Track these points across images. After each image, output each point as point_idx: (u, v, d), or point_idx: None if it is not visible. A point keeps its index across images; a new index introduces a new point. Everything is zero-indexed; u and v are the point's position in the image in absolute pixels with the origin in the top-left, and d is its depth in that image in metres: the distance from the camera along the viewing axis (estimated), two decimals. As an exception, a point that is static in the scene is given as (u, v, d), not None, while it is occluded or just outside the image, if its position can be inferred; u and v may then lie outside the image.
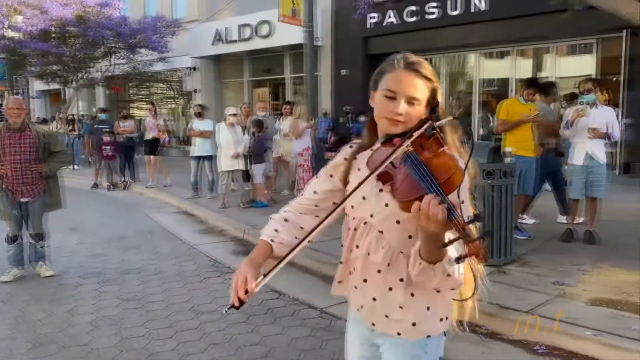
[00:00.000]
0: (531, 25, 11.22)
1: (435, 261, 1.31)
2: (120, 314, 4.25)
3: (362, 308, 1.58)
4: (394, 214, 1.43)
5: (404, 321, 1.49)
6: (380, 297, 1.51)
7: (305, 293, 4.61)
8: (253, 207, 8.10)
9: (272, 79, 17.75)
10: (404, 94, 1.44)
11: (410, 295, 1.48)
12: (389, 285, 1.49)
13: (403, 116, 1.43)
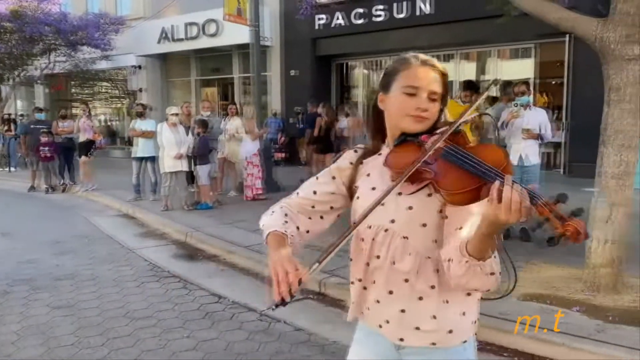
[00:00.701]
0: (474, 29, 11.54)
1: (485, 257, 1.23)
2: (49, 322, 4.06)
3: (387, 324, 1.44)
4: (418, 217, 1.37)
5: (438, 331, 1.39)
6: (410, 308, 1.40)
7: (245, 296, 4.54)
8: (197, 209, 7.94)
9: (221, 79, 17.52)
10: (425, 89, 1.40)
11: (445, 302, 1.39)
12: (418, 295, 1.39)
13: (428, 112, 1.39)
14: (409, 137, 1.42)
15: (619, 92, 3.92)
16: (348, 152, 1.58)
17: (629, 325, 3.45)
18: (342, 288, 4.40)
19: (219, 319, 4.10)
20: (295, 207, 1.58)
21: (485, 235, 1.20)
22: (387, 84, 1.46)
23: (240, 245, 5.76)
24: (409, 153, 1.37)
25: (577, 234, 1.06)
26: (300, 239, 1.55)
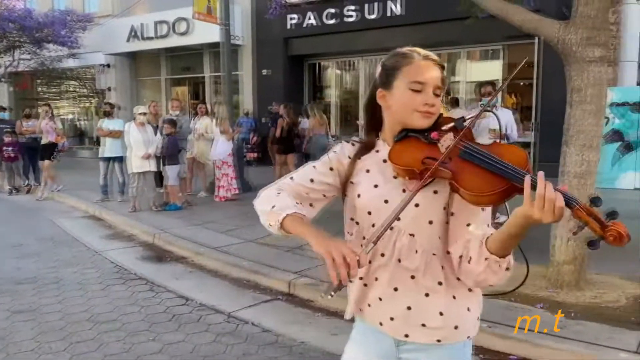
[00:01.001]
0: (444, 31, 11.66)
1: (506, 255, 1.25)
2: (9, 327, 3.93)
3: (391, 321, 1.43)
4: (425, 215, 1.37)
5: (445, 327, 1.40)
6: (416, 305, 1.40)
7: (213, 298, 4.49)
8: (166, 210, 7.82)
9: (192, 78, 17.32)
10: (431, 84, 1.38)
11: (452, 298, 1.40)
12: (425, 292, 1.39)
13: (435, 107, 1.38)
14: (410, 132, 1.40)
15: (580, 93, 4.01)
16: (345, 145, 1.54)
17: (590, 321, 3.53)
18: (312, 288, 4.40)
19: (185, 321, 4.03)
20: (291, 192, 1.51)
21: (514, 235, 1.21)
22: (388, 80, 1.43)
23: (209, 247, 5.69)
24: (415, 149, 1.35)
25: (621, 237, 1.07)
26: None
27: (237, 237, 6.09)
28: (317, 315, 4.07)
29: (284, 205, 1.41)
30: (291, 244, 5.73)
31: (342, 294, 1.32)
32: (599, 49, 3.94)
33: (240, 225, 6.68)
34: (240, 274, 4.98)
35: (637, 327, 3.42)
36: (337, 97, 15.14)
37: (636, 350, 3.10)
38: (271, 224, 1.42)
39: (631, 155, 9.35)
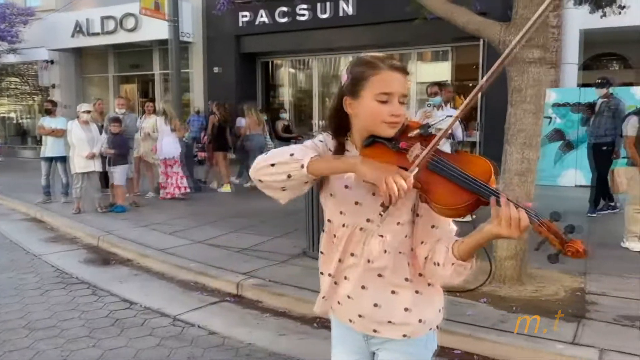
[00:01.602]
0: (394, 32, 11.83)
1: (471, 258, 1.34)
2: (-64, 338, 3.70)
3: (360, 318, 1.50)
4: (395, 217, 1.42)
5: (410, 323, 1.47)
6: (383, 302, 1.47)
7: (159, 301, 4.36)
8: (112, 212, 7.58)
9: (141, 75, 16.89)
10: (397, 94, 1.40)
11: (416, 293, 1.47)
12: (391, 289, 1.46)
13: (401, 117, 1.41)
14: (377, 138, 1.42)
15: (521, 93, 4.13)
16: (328, 137, 1.54)
17: (531, 315, 3.64)
18: (260, 289, 4.35)
19: (129, 325, 3.91)
20: None
21: (481, 244, 1.32)
22: (355, 89, 1.43)
23: (156, 249, 5.54)
24: (384, 157, 1.37)
25: (578, 253, 1.14)
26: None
27: (185, 239, 5.96)
28: (266, 316, 4.03)
29: (303, 153, 1.38)
30: (241, 245, 5.66)
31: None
32: (538, 50, 4.07)
33: (189, 227, 6.54)
34: (187, 276, 4.87)
35: (574, 319, 3.55)
36: (291, 95, 15.10)
37: (572, 341, 3.21)
38: (291, 174, 1.38)
39: (572, 154, 9.76)
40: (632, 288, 4.17)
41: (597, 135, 6.97)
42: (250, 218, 7.04)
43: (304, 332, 3.74)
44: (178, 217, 7.15)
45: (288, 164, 1.38)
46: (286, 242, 5.78)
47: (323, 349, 3.47)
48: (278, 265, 4.91)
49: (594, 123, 7.02)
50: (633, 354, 3.01)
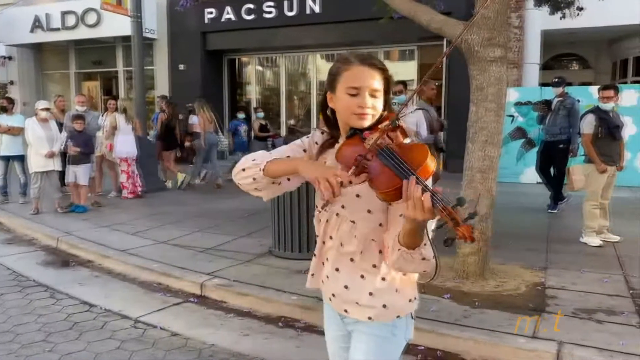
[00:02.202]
0: (360, 30, 11.86)
1: (415, 246, 1.37)
2: None
3: (333, 297, 1.64)
4: (365, 204, 1.52)
5: (375, 307, 1.55)
6: (352, 285, 1.58)
7: (120, 303, 4.26)
8: (72, 212, 7.36)
9: (104, 72, 16.49)
10: (366, 87, 1.49)
11: (382, 280, 1.55)
12: (360, 273, 1.57)
13: (370, 109, 1.50)
14: (357, 130, 1.52)
15: (482, 91, 4.19)
16: (316, 132, 1.67)
17: (492, 310, 3.70)
18: (224, 289, 4.29)
19: (88, 328, 3.79)
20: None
21: (408, 229, 1.35)
22: (332, 83, 1.56)
23: (117, 249, 5.40)
24: (353, 147, 1.47)
25: (464, 237, 1.19)
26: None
27: (148, 239, 5.83)
28: (230, 317, 3.97)
29: (263, 158, 1.59)
30: (205, 245, 5.58)
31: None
32: (498, 49, 4.13)
33: (152, 227, 6.41)
34: (150, 277, 4.77)
35: (535, 313, 3.62)
36: (258, 93, 14.99)
37: (532, 335, 3.27)
38: (255, 177, 1.57)
39: (533, 152, 9.96)
40: (589, 282, 4.28)
41: (553, 134, 7.16)
42: (215, 218, 6.95)
43: (269, 331, 3.71)
44: (141, 217, 7.00)
45: (251, 169, 1.58)
46: (251, 241, 5.73)
47: (288, 348, 3.44)
48: (243, 265, 4.85)
49: (549, 121, 7.20)
50: (590, 347, 3.08)
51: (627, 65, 14.06)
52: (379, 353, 1.60)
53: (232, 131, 10.81)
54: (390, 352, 1.61)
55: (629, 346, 3.09)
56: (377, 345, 1.59)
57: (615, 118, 5.50)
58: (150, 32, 13.60)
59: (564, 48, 15.47)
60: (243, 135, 10.70)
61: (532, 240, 5.66)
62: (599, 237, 5.48)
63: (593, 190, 5.45)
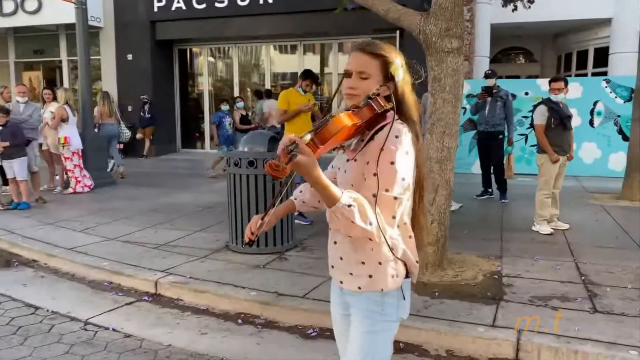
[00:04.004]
0: (314, 21, 11.77)
1: (329, 205, 1.45)
2: None
3: (332, 268, 1.76)
4: (350, 179, 1.64)
5: (363, 276, 1.64)
6: (346, 256, 1.68)
7: (68, 304, 4.03)
8: (14, 209, 6.96)
9: (46, 62, 15.71)
10: (354, 70, 1.63)
11: (371, 250, 1.61)
12: (352, 245, 1.64)
13: (355, 89, 1.62)
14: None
15: (440, 82, 4.19)
16: None
17: (452, 299, 3.72)
18: (180, 287, 4.14)
19: (33, 333, 3.57)
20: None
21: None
22: None
23: (64, 248, 5.13)
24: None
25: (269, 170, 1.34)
26: None
27: (97, 236, 5.57)
28: (186, 315, 3.83)
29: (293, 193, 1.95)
30: (158, 241, 5.39)
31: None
32: (455, 40, 4.14)
33: (101, 223, 6.13)
34: (100, 276, 4.55)
35: (493, 302, 3.67)
36: (210, 85, 14.65)
37: (492, 323, 3.31)
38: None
39: (484, 143, 10.18)
40: (543, 269, 4.39)
41: (493, 124, 7.38)
42: (168, 212, 6.74)
43: (227, 329, 3.60)
44: (89, 213, 6.69)
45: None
46: (207, 236, 5.57)
47: (248, 346, 3.35)
48: (199, 261, 4.71)
49: (488, 112, 7.40)
50: (548, 333, 3.14)
51: (571, 59, 14.60)
52: (370, 327, 1.66)
53: (216, 123, 10.36)
54: (382, 328, 1.67)
55: (583, 331, 3.17)
56: (368, 320, 1.66)
57: (565, 109, 5.65)
58: (95, 21, 13.04)
59: (512, 42, 15.92)
60: (228, 128, 10.23)
61: (487, 229, 5.77)
62: (550, 225, 5.64)
63: (545, 180, 5.60)
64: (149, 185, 9.03)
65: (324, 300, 3.71)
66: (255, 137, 5.22)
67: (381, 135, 1.54)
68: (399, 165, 1.51)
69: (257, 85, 14.18)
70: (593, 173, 9.62)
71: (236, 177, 4.89)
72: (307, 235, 5.52)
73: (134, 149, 13.69)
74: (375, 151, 1.52)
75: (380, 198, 1.51)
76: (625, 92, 9.64)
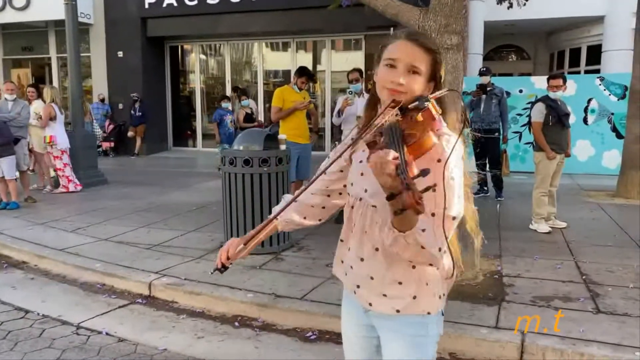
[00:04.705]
0: (307, 18, 11.69)
1: (405, 229, 1.21)
2: None
3: (358, 288, 1.51)
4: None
5: (403, 297, 1.44)
6: (379, 275, 1.45)
7: (59, 307, 3.92)
8: (4, 209, 6.81)
9: (35, 59, 15.50)
10: (403, 61, 1.39)
11: (412, 268, 1.42)
12: (386, 262, 1.43)
13: (404, 86, 1.37)
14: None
15: (440, 79, 4.11)
16: (352, 130, 1.61)
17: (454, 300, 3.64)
18: (174, 289, 4.05)
19: (24, 338, 3.46)
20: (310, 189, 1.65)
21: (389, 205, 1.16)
22: (378, 58, 1.47)
23: (55, 249, 5.02)
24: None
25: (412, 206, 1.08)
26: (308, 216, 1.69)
27: (89, 236, 5.45)
28: (182, 318, 3.74)
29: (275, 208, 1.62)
30: (152, 241, 5.28)
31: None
32: (455, 36, 4.07)
33: (92, 223, 6.01)
34: (92, 278, 4.44)
35: (495, 303, 3.61)
36: (201, 82, 14.53)
37: (495, 325, 3.25)
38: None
39: (478, 140, 10.16)
40: (543, 269, 4.34)
41: (489, 122, 7.34)
42: (161, 212, 6.63)
43: (224, 332, 3.51)
44: (80, 213, 6.57)
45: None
46: (202, 236, 5.47)
47: (246, 350, 3.27)
48: (194, 262, 4.61)
49: (484, 110, 7.36)
50: (553, 335, 3.08)
51: (563, 57, 14.62)
52: (420, 355, 1.48)
53: (217, 121, 10.15)
54: (431, 352, 1.50)
55: (588, 332, 3.12)
56: (416, 348, 1.48)
57: (563, 106, 5.61)
58: (85, 17, 12.88)
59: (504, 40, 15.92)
60: (229, 125, 10.01)
61: (484, 228, 5.65)
62: (547, 223, 5.60)
63: (542, 178, 5.55)
64: (141, 184, 8.90)
65: (323, 302, 3.64)
66: (251, 135, 5.13)
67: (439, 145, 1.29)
68: (458, 181, 1.32)
69: (249, 83, 14.08)
70: (587, 171, 9.63)
71: (231, 176, 4.80)
72: (303, 235, 5.43)
73: (125, 148, 13.56)
74: (432, 162, 1.26)
75: (441, 217, 1.28)
76: (619, 89, 9.65)
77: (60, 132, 7.90)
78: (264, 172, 4.74)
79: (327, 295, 3.74)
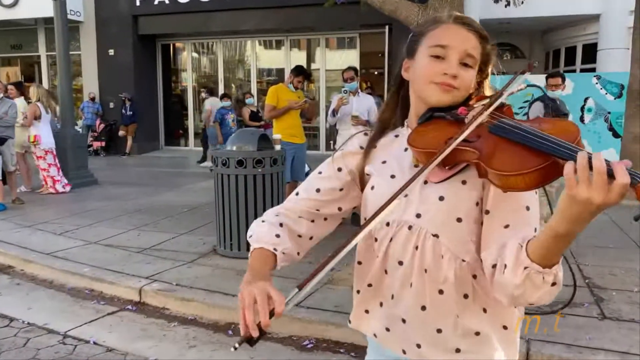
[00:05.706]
0: (301, 15, 11.56)
1: (551, 263, 0.93)
2: None
3: (419, 348, 1.14)
4: (452, 210, 1.08)
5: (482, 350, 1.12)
6: (448, 327, 1.11)
7: (45, 315, 3.77)
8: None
9: (24, 57, 15.28)
10: (456, 49, 1.11)
11: (484, 312, 1.11)
12: (456, 309, 1.10)
13: (457, 80, 1.10)
14: (437, 112, 1.13)
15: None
16: (357, 136, 1.29)
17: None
18: (165, 295, 3.91)
19: (7, 347, 3.31)
20: (296, 212, 1.26)
21: (561, 234, 0.90)
22: (412, 47, 1.18)
23: (42, 252, 4.86)
24: (439, 131, 1.08)
25: None
26: (301, 250, 1.26)
27: (77, 239, 5.30)
28: (173, 326, 3.60)
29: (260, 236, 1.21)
30: (142, 244, 5.13)
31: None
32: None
33: (81, 225, 5.85)
34: (80, 283, 4.29)
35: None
36: (194, 81, 14.37)
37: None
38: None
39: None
40: (544, 272, 4.23)
41: None
42: (152, 214, 6.47)
43: (217, 341, 3.38)
44: (68, 215, 6.40)
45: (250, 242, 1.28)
46: (193, 239, 5.33)
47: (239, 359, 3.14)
48: (185, 266, 4.47)
49: None
50: (558, 343, 2.98)
51: (559, 55, 14.56)
52: None
53: (218, 121, 9.92)
54: None
55: (594, 340, 3.02)
56: None
57: (562, 106, 5.52)
58: (75, 15, 12.68)
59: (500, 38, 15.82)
60: (231, 124, 9.82)
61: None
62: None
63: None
64: (132, 185, 8.74)
65: (320, 309, 3.51)
66: (244, 135, 5.00)
67: None
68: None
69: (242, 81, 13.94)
70: (584, 170, 9.55)
71: (224, 177, 4.66)
72: (298, 237, 5.31)
73: (116, 147, 13.38)
74: None
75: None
76: (616, 88, 9.58)
77: (45, 131, 7.72)
78: (258, 173, 4.61)
79: (324, 302, 3.62)
